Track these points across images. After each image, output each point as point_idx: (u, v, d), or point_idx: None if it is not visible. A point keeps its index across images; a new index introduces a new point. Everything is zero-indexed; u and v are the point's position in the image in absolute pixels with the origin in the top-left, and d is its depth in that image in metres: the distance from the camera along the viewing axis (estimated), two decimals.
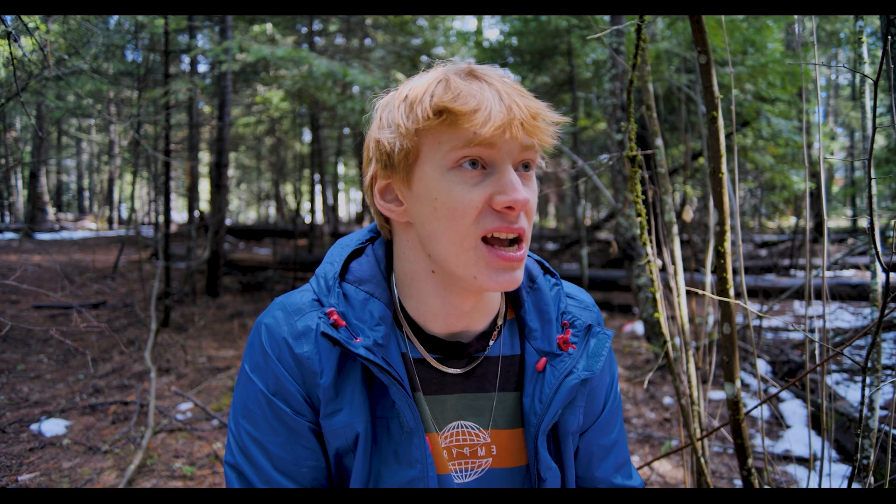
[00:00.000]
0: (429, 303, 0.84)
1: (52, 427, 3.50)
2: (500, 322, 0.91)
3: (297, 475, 0.82)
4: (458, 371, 0.87)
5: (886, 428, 1.71)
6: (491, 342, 0.89)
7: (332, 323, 0.80)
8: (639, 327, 6.59)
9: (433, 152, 0.76)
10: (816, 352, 2.86)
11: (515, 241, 0.78)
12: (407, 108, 0.76)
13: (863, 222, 14.72)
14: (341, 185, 22.45)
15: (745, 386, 4.48)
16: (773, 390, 3.85)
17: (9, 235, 13.62)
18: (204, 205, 18.25)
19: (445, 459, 0.85)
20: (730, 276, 1.30)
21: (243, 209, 28.64)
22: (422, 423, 0.82)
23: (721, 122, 1.23)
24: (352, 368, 0.82)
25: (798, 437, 3.55)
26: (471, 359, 0.88)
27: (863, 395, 1.25)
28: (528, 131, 0.74)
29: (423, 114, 0.73)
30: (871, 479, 1.48)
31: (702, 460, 1.60)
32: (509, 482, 0.88)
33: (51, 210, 16.54)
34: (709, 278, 3.18)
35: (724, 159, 1.23)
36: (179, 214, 23.68)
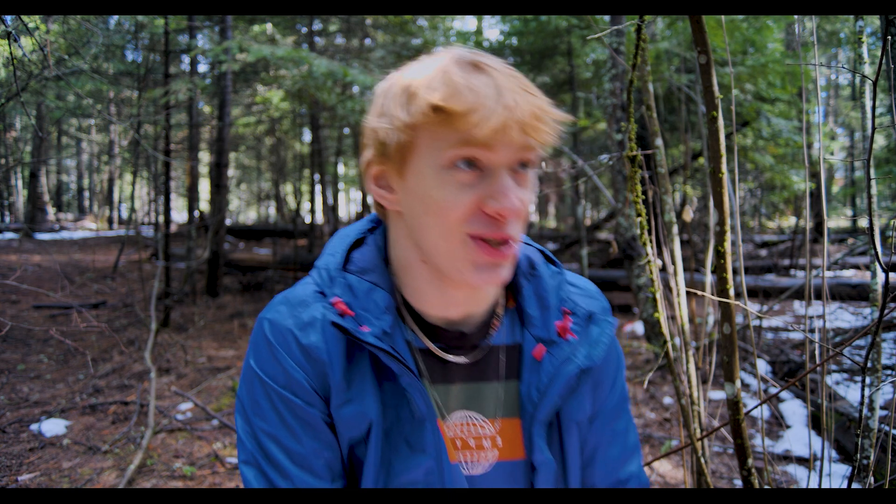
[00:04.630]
0: (425, 291, 0.84)
1: (52, 427, 3.50)
2: (499, 311, 0.90)
3: (316, 467, 0.81)
4: (461, 360, 0.86)
5: (886, 428, 1.71)
6: (492, 331, 0.89)
7: (339, 312, 0.80)
8: (639, 327, 6.59)
9: (428, 149, 0.75)
10: (816, 352, 2.86)
11: (503, 242, 0.78)
12: (405, 100, 0.75)
13: (863, 222, 14.72)
14: (341, 185, 22.44)
15: (745, 386, 4.48)
16: (773, 390, 3.85)
17: (9, 235, 13.62)
18: (204, 205, 18.24)
19: (452, 450, 0.84)
20: (730, 276, 1.30)
21: (243, 209, 28.63)
22: (434, 408, 0.81)
23: (721, 122, 1.23)
24: (360, 357, 0.81)
25: (798, 437, 3.55)
26: (473, 348, 0.87)
27: (863, 395, 1.25)
28: (528, 132, 0.72)
29: (419, 110, 0.72)
30: (871, 479, 1.48)
31: (702, 460, 1.60)
32: (516, 474, 0.86)
33: (51, 210, 16.54)
34: (709, 278, 3.18)
35: (724, 159, 1.23)
36: (179, 214, 23.67)
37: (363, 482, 0.81)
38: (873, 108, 1.21)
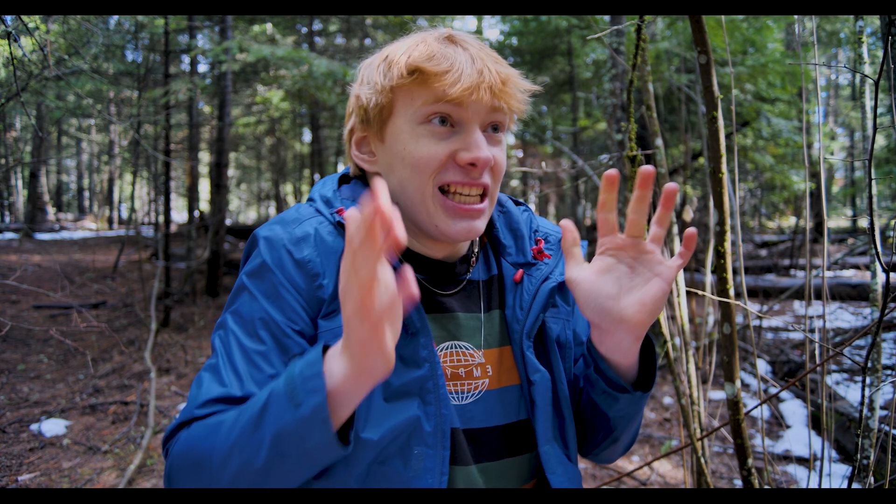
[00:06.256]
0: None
1: (52, 427, 3.50)
2: (476, 249, 0.96)
3: None
4: (446, 292, 0.90)
5: (886, 428, 1.71)
6: (471, 267, 0.94)
7: (343, 219, 0.82)
8: None
9: (406, 108, 0.81)
10: (816, 352, 2.86)
11: (480, 197, 0.83)
12: (385, 67, 0.82)
13: (863, 222, 14.72)
14: None
15: (745, 386, 4.48)
16: (773, 390, 3.85)
17: (9, 235, 13.61)
18: (204, 205, 18.23)
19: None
20: (730, 276, 1.30)
21: (243, 209, 28.62)
22: (427, 324, 0.83)
23: (721, 122, 1.23)
24: None
25: (798, 437, 3.55)
26: (456, 281, 0.92)
27: (863, 395, 1.25)
28: (497, 95, 0.79)
29: (398, 72, 0.79)
30: (871, 479, 1.48)
31: (702, 460, 1.60)
32: (505, 402, 0.89)
33: (51, 210, 16.54)
34: (709, 278, 3.18)
35: (724, 159, 1.23)
36: (179, 214, 23.66)
37: None
38: (874, 108, 1.21)
